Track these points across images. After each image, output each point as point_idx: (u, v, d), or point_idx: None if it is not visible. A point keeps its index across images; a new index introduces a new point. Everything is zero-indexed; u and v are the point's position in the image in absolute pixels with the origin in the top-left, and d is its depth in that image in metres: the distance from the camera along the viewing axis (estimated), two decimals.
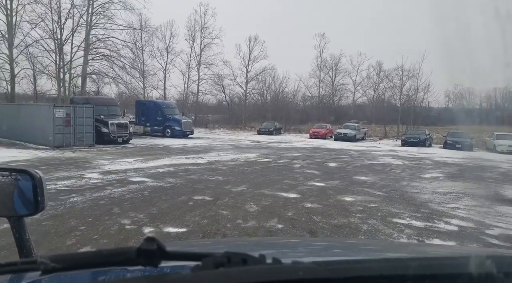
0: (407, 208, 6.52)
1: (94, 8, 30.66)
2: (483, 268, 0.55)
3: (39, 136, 16.67)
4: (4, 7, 27.27)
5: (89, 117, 17.19)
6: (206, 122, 39.34)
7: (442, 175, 11.06)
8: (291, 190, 7.97)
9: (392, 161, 14.64)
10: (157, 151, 16.15)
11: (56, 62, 30.25)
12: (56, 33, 29.70)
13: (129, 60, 32.43)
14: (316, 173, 10.70)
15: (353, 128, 27.05)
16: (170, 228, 5.10)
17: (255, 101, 44.77)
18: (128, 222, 5.31)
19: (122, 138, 18.82)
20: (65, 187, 7.71)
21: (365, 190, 8.15)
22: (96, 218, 5.42)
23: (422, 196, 7.76)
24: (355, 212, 6.21)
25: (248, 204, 6.58)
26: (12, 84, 28.22)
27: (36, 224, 5.10)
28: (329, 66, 46.76)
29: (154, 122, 25.00)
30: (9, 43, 27.60)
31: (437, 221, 5.73)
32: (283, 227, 5.26)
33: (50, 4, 29.00)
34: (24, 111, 18.83)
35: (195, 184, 8.37)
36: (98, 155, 13.82)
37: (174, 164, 11.78)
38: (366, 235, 4.95)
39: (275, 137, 28.94)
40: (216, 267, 0.54)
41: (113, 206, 6.20)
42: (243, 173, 10.41)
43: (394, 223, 5.57)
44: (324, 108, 43.85)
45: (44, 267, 0.55)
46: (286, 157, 14.99)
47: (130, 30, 32.97)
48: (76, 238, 4.58)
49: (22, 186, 1.07)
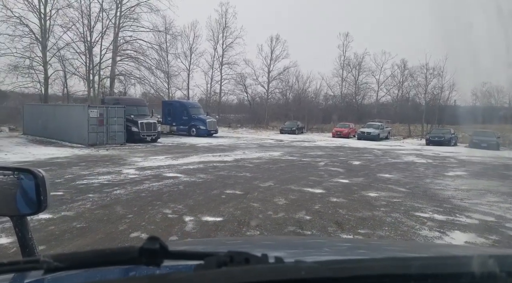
0: (429, 203, 6.79)
1: (122, 11, 31.84)
2: (485, 267, 0.55)
3: (74, 135, 17.66)
4: (38, 12, 28.72)
5: (120, 117, 18.07)
6: (229, 121, 40.04)
7: (466, 173, 11.16)
8: (316, 186, 8.35)
9: (416, 160, 14.75)
10: (184, 149, 16.82)
11: (86, 64, 31.66)
12: (86, 36, 31.12)
13: (155, 61, 33.55)
14: (340, 170, 11.02)
15: (376, 127, 27.03)
16: (208, 217, 5.59)
17: (277, 101, 45.14)
18: (169, 211, 5.84)
19: (150, 137, 19.63)
20: (107, 181, 8.38)
21: (388, 187, 8.44)
22: (140, 208, 5.99)
23: (445, 192, 7.98)
24: (379, 206, 6.54)
25: (276, 198, 7.01)
26: (45, 85, 29.69)
27: (89, 212, 5.72)
28: (353, 65, 46.58)
29: (180, 121, 25.79)
30: (42, 46, 29.06)
31: (459, 215, 6.00)
32: (311, 218, 5.67)
33: (81, 8, 30.40)
34: (60, 111, 19.91)
35: (225, 180, 8.87)
36: (130, 153, 14.58)
37: (203, 161, 12.35)
38: (390, 227, 5.30)
39: (298, 136, 29.24)
40: (218, 266, 0.54)
41: (153, 198, 6.76)
42: (269, 170, 10.84)
43: (416, 216, 5.88)
44: (346, 107, 43.74)
45: (47, 266, 0.55)
46: (310, 155, 15.33)
47: (156, 32, 33.97)
48: (127, 224, 5.14)
49: (25, 185, 1.06)
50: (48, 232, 4.72)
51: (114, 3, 31.28)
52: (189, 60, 40.68)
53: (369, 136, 25.74)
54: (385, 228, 5.22)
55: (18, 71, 28.25)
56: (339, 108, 43.43)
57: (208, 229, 5.05)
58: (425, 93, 33.17)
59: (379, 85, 47.26)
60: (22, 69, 28.66)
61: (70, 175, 9.07)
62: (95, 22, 31.33)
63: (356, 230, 5.10)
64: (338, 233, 4.96)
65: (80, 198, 6.63)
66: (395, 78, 45.71)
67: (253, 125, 38.55)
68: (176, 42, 38.20)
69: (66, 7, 29.48)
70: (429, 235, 4.93)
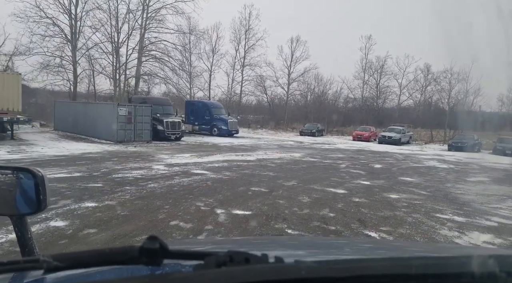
0: (450, 206, 7.02)
1: (148, 13, 32.83)
2: (485, 267, 0.55)
3: (103, 132, 18.47)
4: (68, 13, 29.95)
5: (147, 115, 18.80)
6: (248, 122, 40.52)
7: (488, 179, 11.23)
8: (338, 186, 8.66)
9: (437, 165, 14.81)
10: (207, 148, 17.35)
11: (113, 64, 32.80)
12: (113, 36, 32.26)
13: (178, 62, 34.44)
14: (361, 172, 11.27)
15: (398, 131, 26.95)
16: (237, 211, 6.01)
17: (296, 102, 45.34)
18: (201, 204, 6.29)
19: (175, 136, 20.29)
20: (140, 175, 8.92)
21: (410, 189, 8.67)
22: (175, 200, 6.46)
23: (465, 196, 8.16)
24: (400, 207, 6.81)
25: (300, 196, 7.37)
26: (74, 83, 30.93)
27: (129, 202, 6.23)
28: (375, 68, 46.31)
29: (202, 121, 26.42)
30: (72, 46, 30.28)
31: (478, 217, 6.22)
32: (335, 215, 6.01)
33: (109, 9, 31.55)
34: (91, 109, 20.83)
35: (249, 178, 9.28)
36: (157, 150, 15.20)
37: (227, 160, 12.81)
38: (411, 226, 5.58)
39: (318, 138, 29.44)
40: (218, 266, 0.54)
41: (185, 192, 7.24)
42: (291, 170, 11.20)
43: (437, 217, 6.13)
44: (367, 111, 43.53)
45: (46, 266, 0.55)
46: (331, 157, 15.60)
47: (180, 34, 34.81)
48: (165, 214, 5.62)
49: (25, 185, 1.06)
50: (96, 218, 5.24)
51: (141, 5, 32.33)
52: (211, 61, 41.41)
53: (390, 141, 25.71)
54: (406, 227, 5.51)
55: (48, 69, 29.51)
56: (360, 111, 43.27)
57: (239, 221, 5.46)
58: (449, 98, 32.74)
59: (401, 89, 46.83)
60: (53, 68, 29.91)
61: (105, 169, 9.67)
62: (122, 24, 32.46)
63: (378, 227, 5.42)
64: (361, 230, 5.28)
65: (119, 189, 7.17)
66: (418, 82, 45.25)
67: (272, 127, 38.90)
68: (199, 43, 39.04)
69: (95, 9, 30.68)
70: (448, 235, 5.20)
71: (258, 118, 43.61)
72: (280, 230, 5.09)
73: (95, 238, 4.44)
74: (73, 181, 7.91)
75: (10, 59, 28.66)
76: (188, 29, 35.23)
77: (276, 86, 44.21)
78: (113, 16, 31.95)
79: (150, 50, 33.97)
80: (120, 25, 32.38)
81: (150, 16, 32.89)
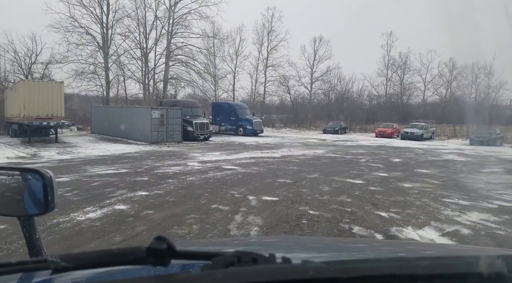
0: (458, 192, 7.74)
1: (175, 19, 34.39)
2: (493, 267, 0.55)
3: (138, 134, 19.94)
4: (100, 22, 31.86)
5: (178, 117, 20.13)
6: (272, 122, 41.43)
7: (501, 170, 11.72)
8: (357, 177, 9.50)
9: (456, 158, 15.29)
10: (235, 146, 18.45)
11: (142, 69, 34.59)
12: (142, 43, 34.04)
13: (203, 65, 35.87)
14: (380, 166, 12.02)
15: (420, 127, 27.22)
16: (267, 197, 6.99)
17: (319, 101, 45.88)
18: (235, 193, 7.32)
19: (203, 136, 21.56)
20: (178, 170, 10.08)
21: (423, 179, 9.40)
22: (212, 190, 7.53)
23: (475, 185, 8.82)
24: (411, 193, 7.61)
25: (321, 186, 8.28)
26: (107, 88, 32.86)
27: (174, 191, 7.35)
28: (397, 64, 46.14)
29: (228, 121, 27.63)
30: (104, 53, 32.20)
31: (482, 201, 6.94)
32: (351, 200, 6.89)
33: (137, 17, 33.32)
34: (126, 112, 22.39)
35: (275, 172, 10.25)
36: (188, 149, 16.42)
37: (253, 157, 13.83)
38: (417, 208, 6.39)
39: (341, 136, 30.05)
40: (226, 266, 0.55)
41: (219, 183, 8.30)
42: (313, 164, 12.09)
43: (443, 201, 6.90)
44: (391, 108, 43.54)
45: (54, 266, 0.55)
46: (352, 153, 16.34)
47: (204, 37, 36.20)
48: (205, 199, 6.68)
49: (33, 186, 1.07)
50: (150, 203, 6.37)
51: (167, 12, 33.93)
52: (235, 63, 42.61)
53: (412, 136, 26.05)
54: (413, 208, 6.33)
55: (83, 76, 31.51)
56: (384, 108, 43.34)
57: (268, 204, 6.45)
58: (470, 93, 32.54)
59: (426, 84, 46.44)
60: (87, 74, 31.92)
61: (146, 166, 10.90)
62: (150, 30, 34.19)
63: (388, 209, 6.27)
64: (373, 210, 6.15)
65: (163, 182, 8.32)
66: (442, 77, 44.77)
67: (296, 126, 39.69)
68: (223, 46, 40.30)
69: (124, 17, 32.49)
70: (449, 214, 5.99)
71: (281, 117, 44.44)
72: (303, 211, 6.02)
73: (154, 217, 5.54)
74: (122, 176, 9.14)
75: (46, 67, 30.87)
76: (212, 33, 36.58)
77: (299, 86, 44.93)
78: (141, 23, 33.75)
79: (177, 54, 35.58)
80: (148, 32, 34.16)
81: (176, 21, 34.46)
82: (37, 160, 12.08)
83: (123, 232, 4.81)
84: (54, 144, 17.89)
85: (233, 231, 4.96)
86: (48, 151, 14.69)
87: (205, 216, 5.62)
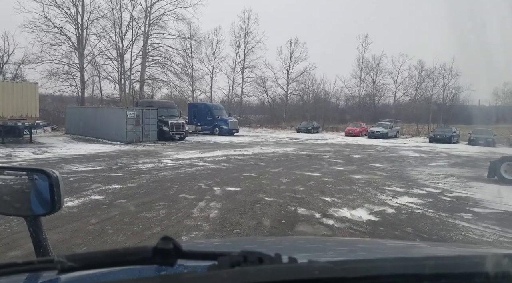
0: (398, 182, 8.85)
1: (151, 20, 34.75)
2: (500, 267, 0.54)
3: (113, 134, 20.37)
4: (75, 22, 31.90)
5: (153, 118, 20.71)
6: (249, 122, 42.31)
7: (446, 164, 13.04)
8: (315, 171, 10.50)
9: (411, 154, 16.63)
10: (209, 145, 19.22)
11: (118, 69, 34.79)
12: (118, 43, 34.23)
13: (180, 66, 36.38)
14: (340, 161, 13.11)
15: (385, 126, 28.84)
16: (230, 188, 7.85)
17: (296, 102, 47.17)
18: (203, 185, 8.14)
19: (179, 136, 22.20)
20: (152, 167, 10.80)
21: (373, 172, 10.50)
22: (181, 183, 8.32)
23: (417, 176, 9.98)
24: (358, 183, 8.64)
25: (282, 178, 9.21)
26: (82, 89, 32.88)
27: (146, 184, 8.10)
28: (371, 66, 47.98)
29: (204, 122, 28.35)
30: (79, 54, 32.24)
31: (415, 188, 8.04)
32: (304, 189, 7.85)
33: (113, 18, 33.50)
34: (101, 113, 22.75)
35: (243, 167, 11.13)
36: (163, 148, 17.08)
37: (226, 154, 14.66)
38: (358, 194, 7.40)
39: (313, 135, 31.29)
40: (232, 266, 0.55)
41: (189, 177, 9.10)
42: (280, 161, 13.04)
43: (382, 189, 7.96)
44: (364, 108, 45.31)
45: (61, 266, 0.55)
46: (319, 150, 17.43)
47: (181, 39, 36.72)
48: (174, 190, 7.48)
49: (39, 186, 1.08)
50: (124, 194, 7.11)
51: (143, 13, 34.25)
52: (213, 64, 43.24)
53: (378, 135, 27.61)
54: (354, 195, 7.34)
55: (57, 76, 31.42)
56: (357, 108, 45.04)
57: (230, 193, 7.31)
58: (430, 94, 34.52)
59: (397, 86, 48.50)
60: (61, 75, 31.83)
61: (121, 163, 11.55)
62: (126, 31, 34.40)
63: (333, 195, 7.25)
64: (319, 196, 7.11)
65: (137, 177, 9.04)
66: (412, 79, 46.90)
67: (272, 126, 40.76)
68: (200, 47, 40.89)
69: (100, 18, 32.61)
70: (383, 198, 7.03)
71: (259, 118, 45.38)
72: (260, 198, 6.91)
73: (126, 204, 6.30)
74: (97, 172, 9.79)
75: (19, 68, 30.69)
76: (189, 34, 37.15)
77: (276, 87, 46.02)
78: (117, 24, 33.93)
79: (153, 55, 35.92)
80: (124, 32, 34.37)
81: (153, 22, 34.82)
82: (13, 159, 12.50)
83: (98, 216, 5.56)
84: (28, 144, 18.10)
85: (195, 214, 5.79)
86: (23, 151, 15.02)
87: (173, 203, 6.42)
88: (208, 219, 5.48)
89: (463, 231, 5.24)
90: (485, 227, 5.47)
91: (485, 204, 6.92)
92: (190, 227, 5.07)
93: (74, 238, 4.54)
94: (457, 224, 5.60)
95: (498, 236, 5.06)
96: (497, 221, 5.83)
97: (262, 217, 5.66)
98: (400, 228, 5.30)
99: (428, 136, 26.54)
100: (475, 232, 5.20)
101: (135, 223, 5.23)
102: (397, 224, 5.49)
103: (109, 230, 4.89)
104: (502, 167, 9.42)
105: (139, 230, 4.92)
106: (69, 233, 4.74)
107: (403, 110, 45.19)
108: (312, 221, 5.51)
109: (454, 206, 6.71)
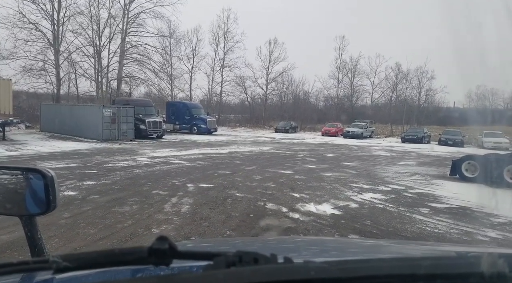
0: (366, 180, 9.27)
1: (129, 18, 34.43)
2: (495, 267, 0.55)
3: (89, 132, 20.15)
4: (51, 18, 31.26)
5: (130, 116, 20.60)
6: (229, 121, 42.48)
7: (414, 163, 13.65)
8: (288, 169, 10.83)
9: (382, 153, 17.26)
10: (187, 144, 19.31)
11: (95, 67, 34.30)
12: (95, 40, 33.73)
13: (159, 64, 36.20)
14: (313, 160, 13.50)
15: (360, 127, 29.66)
16: (204, 184, 8.06)
17: (276, 102, 47.67)
18: (176, 182, 8.32)
19: (156, 134, 22.16)
20: (127, 165, 10.86)
21: (344, 170, 10.92)
22: (156, 180, 8.47)
23: (384, 174, 10.46)
24: (328, 180, 9.01)
25: (255, 176, 9.48)
26: (58, 86, 32.28)
27: (120, 181, 8.20)
28: (348, 67, 49.00)
29: (182, 120, 28.33)
30: (55, 50, 31.61)
31: (381, 185, 8.47)
32: (275, 186, 8.14)
33: (90, 15, 33.00)
34: (77, 111, 22.44)
35: (218, 165, 11.34)
36: (140, 146, 17.07)
37: (202, 153, 14.82)
38: (326, 190, 7.76)
39: (290, 135, 31.78)
40: (227, 266, 0.55)
41: (164, 174, 9.24)
42: (256, 159, 13.32)
43: (350, 186, 8.35)
44: (342, 109, 46.26)
45: (56, 266, 0.55)
46: (294, 149, 17.82)
47: (160, 37, 36.54)
48: (148, 187, 7.62)
49: (34, 185, 1.07)
50: (97, 190, 7.21)
51: (121, 10, 33.88)
52: (192, 63, 43.17)
53: (353, 135, 28.38)
54: (322, 191, 7.69)
55: (31, 73, 30.73)
56: (334, 109, 45.92)
57: (203, 190, 7.52)
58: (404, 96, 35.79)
59: (374, 87, 49.73)
60: (36, 71, 31.15)
61: (96, 161, 11.55)
62: (103, 28, 33.97)
63: (302, 191, 7.58)
64: (289, 193, 7.42)
65: (111, 174, 9.12)
66: (389, 80, 48.22)
67: (251, 125, 41.05)
68: (180, 46, 40.83)
69: (77, 14, 32.06)
70: (349, 194, 7.41)
71: (239, 117, 45.57)
72: (231, 194, 7.15)
73: (99, 200, 6.42)
74: (71, 169, 9.79)
75: None
76: (168, 32, 37.00)
77: (256, 86, 46.36)
78: (94, 21, 33.44)
79: (131, 53, 35.59)
80: (101, 30, 33.92)
81: (131, 20, 34.52)
82: None
83: (71, 211, 5.67)
84: (1, 142, 17.69)
85: (167, 208, 5.98)
86: None
87: (145, 199, 6.58)
88: (179, 213, 5.68)
89: (418, 224, 5.65)
90: (439, 220, 5.90)
91: (443, 200, 7.41)
92: (160, 221, 5.26)
93: (47, 231, 4.65)
94: (414, 217, 6.01)
95: (449, 228, 5.49)
96: (451, 214, 6.29)
97: (232, 211, 5.91)
98: (360, 221, 5.65)
99: (401, 137, 27.49)
100: (428, 225, 5.62)
101: (107, 217, 5.38)
102: (358, 217, 5.85)
103: (81, 223, 5.03)
104: (463, 166, 10.00)
105: (110, 223, 5.08)
106: (41, 226, 4.82)
107: (379, 111, 46.45)
108: (279, 215, 5.80)
109: (414, 202, 7.15)
